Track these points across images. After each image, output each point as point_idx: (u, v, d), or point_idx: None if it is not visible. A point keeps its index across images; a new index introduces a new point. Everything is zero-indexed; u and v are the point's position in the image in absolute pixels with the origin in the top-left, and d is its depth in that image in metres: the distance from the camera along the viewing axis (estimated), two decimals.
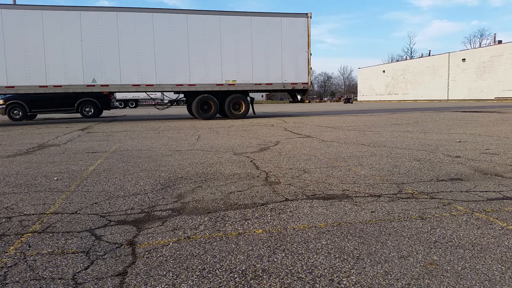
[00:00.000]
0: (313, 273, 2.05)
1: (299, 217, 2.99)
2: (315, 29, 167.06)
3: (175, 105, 26.05)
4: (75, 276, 2.07)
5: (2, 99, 18.98)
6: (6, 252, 2.42)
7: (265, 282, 1.96)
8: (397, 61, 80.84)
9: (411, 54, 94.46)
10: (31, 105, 19.03)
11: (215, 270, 2.10)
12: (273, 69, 16.96)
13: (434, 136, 8.59)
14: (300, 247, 2.39)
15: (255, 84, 16.90)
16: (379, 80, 73.25)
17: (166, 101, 32.68)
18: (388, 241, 2.48)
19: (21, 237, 2.68)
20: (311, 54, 17.37)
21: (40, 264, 2.24)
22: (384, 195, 3.62)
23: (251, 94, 17.79)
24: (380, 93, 73.06)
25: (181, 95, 18.73)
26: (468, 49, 60.30)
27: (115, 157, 6.25)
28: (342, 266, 2.13)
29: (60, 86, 14.89)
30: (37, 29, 14.43)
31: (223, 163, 5.51)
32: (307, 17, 17.11)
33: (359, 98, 79.44)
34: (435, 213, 3.06)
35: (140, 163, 5.66)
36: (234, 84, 16.61)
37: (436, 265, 2.13)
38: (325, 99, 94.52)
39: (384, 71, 72.71)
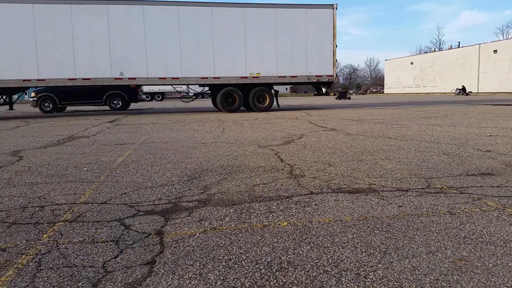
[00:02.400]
0: (339, 267, 2.04)
1: (324, 211, 2.98)
2: (341, 21, 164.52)
3: (200, 98, 26.27)
4: (105, 265, 2.14)
5: (33, 91, 19.61)
6: (40, 240, 2.52)
7: (290, 274, 1.97)
8: (425, 52, 78.68)
9: (439, 45, 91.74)
10: (61, 98, 19.58)
11: (241, 261, 2.12)
12: (298, 61, 16.82)
13: (464, 129, 8.35)
14: (325, 241, 2.39)
15: (280, 76, 16.82)
16: (406, 72, 71.56)
17: (191, 94, 33.00)
18: (416, 236, 2.44)
19: (53, 226, 2.78)
20: (336, 46, 17.12)
21: (71, 252, 2.32)
22: (412, 189, 3.56)
23: (275, 87, 17.73)
24: (407, 86, 71.42)
25: (206, 88, 18.85)
26: (500, 40, 57.98)
27: (143, 149, 6.38)
28: (369, 260, 2.12)
29: (89, 79, 15.25)
30: (66, 23, 14.78)
31: (247, 155, 5.54)
32: (333, 9, 16.85)
33: (385, 90, 77.87)
34: (465, 208, 2.99)
35: (166, 155, 5.75)
36: (258, 77, 16.59)
37: (466, 261, 2.09)
38: (351, 91, 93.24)
39: (412, 63, 70.96)
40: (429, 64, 66.46)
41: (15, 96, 18.65)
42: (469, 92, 48.96)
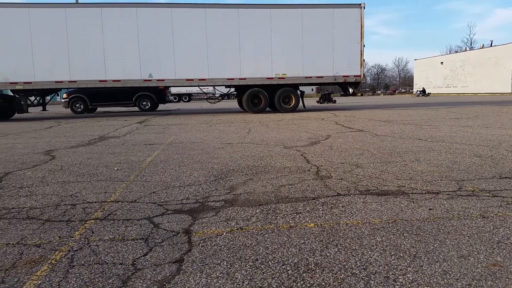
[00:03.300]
0: (368, 270, 2.02)
1: (352, 213, 2.94)
2: (369, 20, 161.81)
3: (226, 99, 26.46)
4: (134, 262, 2.19)
5: (65, 93, 20.26)
6: (72, 237, 2.61)
7: (318, 276, 1.96)
8: (456, 52, 76.45)
9: (471, 45, 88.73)
10: (92, 99, 20.16)
11: (268, 262, 2.13)
12: (324, 61, 16.67)
13: (497, 131, 8.06)
14: (353, 243, 2.36)
15: (306, 77, 16.72)
16: (436, 72, 69.72)
17: (218, 95, 33.26)
18: (447, 240, 2.38)
19: (84, 223, 2.87)
20: (364, 46, 16.87)
21: (102, 249, 2.39)
22: (442, 192, 3.47)
23: (301, 88, 17.65)
24: (437, 86, 69.57)
25: (232, 89, 18.94)
26: None
27: (171, 149, 6.48)
28: (398, 263, 2.08)
29: (119, 80, 15.62)
30: (97, 26, 15.19)
31: (273, 156, 5.54)
32: (360, 8, 16.61)
33: (414, 91, 76.15)
34: (498, 212, 2.89)
35: (194, 155, 5.82)
36: (284, 78, 16.55)
37: (500, 266, 2.02)
38: (379, 92, 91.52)
39: (442, 62, 69.07)
40: (460, 64, 64.53)
41: (48, 97, 19.29)
42: (428, 93, 47.14)
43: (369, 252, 2.23)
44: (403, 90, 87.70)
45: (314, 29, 16.46)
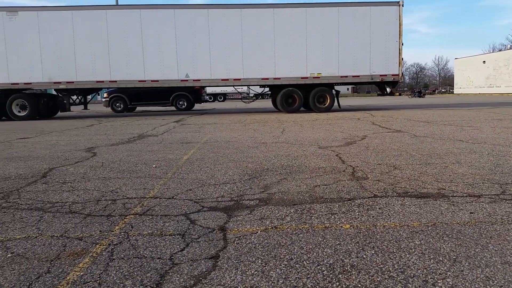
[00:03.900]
0: (405, 273, 1.97)
1: (389, 215, 2.88)
2: (407, 18, 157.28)
3: (260, 98, 26.53)
4: (172, 257, 2.24)
5: (106, 92, 21.01)
6: (112, 231, 2.70)
7: (354, 277, 1.93)
8: (500, 50, 72.99)
9: None
10: (132, 99, 20.81)
11: (303, 261, 2.12)
12: (361, 60, 16.38)
13: None
14: (391, 246, 2.31)
15: (341, 76, 16.49)
16: (478, 72, 66.83)
17: (252, 95, 33.40)
18: (489, 245, 2.29)
19: (124, 218, 2.96)
20: (402, 44, 16.42)
21: (141, 243, 2.46)
22: (485, 195, 3.33)
23: (336, 87, 17.42)
24: (479, 86, 66.68)
25: (266, 89, 18.97)
26: None
27: (206, 148, 6.58)
28: (437, 267, 2.02)
29: (157, 81, 16.01)
30: (136, 27, 15.63)
31: (307, 156, 5.51)
32: (399, 6, 16.19)
33: (455, 90, 73.34)
34: None
35: (228, 154, 5.89)
36: (319, 77, 16.40)
37: None
38: (423, 90, 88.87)
39: (484, 61, 66.14)
40: (504, 63, 61.52)
41: (89, 97, 20.09)
42: (424, 94, 44.95)
43: (407, 255, 2.17)
44: (443, 90, 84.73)
45: (350, 27, 16.21)
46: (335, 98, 17.10)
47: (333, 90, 17.10)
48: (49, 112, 17.50)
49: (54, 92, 17.86)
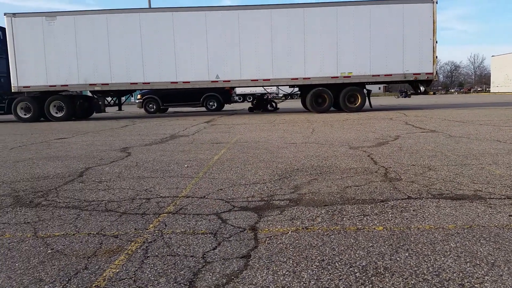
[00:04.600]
0: (441, 276, 1.92)
1: (423, 217, 2.81)
2: (442, 15, 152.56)
3: (289, 98, 26.44)
4: (204, 255, 2.28)
5: (139, 94, 21.55)
6: (147, 229, 2.77)
7: (387, 280, 1.90)
8: None
9: None
10: (164, 100, 21.26)
11: (334, 263, 2.10)
12: (393, 59, 16.02)
13: None
14: (425, 248, 2.26)
15: (373, 75, 16.20)
16: None
17: (281, 95, 33.32)
18: None
19: (158, 217, 3.03)
20: (436, 42, 15.95)
21: (174, 242, 2.51)
22: None
23: (367, 86, 17.12)
24: None
25: (296, 89, 18.89)
26: None
27: (236, 148, 6.63)
28: (474, 271, 1.95)
29: (188, 82, 16.27)
30: (169, 30, 15.94)
31: (338, 156, 5.44)
32: (432, 3, 15.73)
33: (492, 89, 70.52)
34: None
35: (258, 154, 5.91)
36: (350, 77, 16.17)
37: None
38: (452, 90, 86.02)
39: None
40: None
41: (123, 98, 20.65)
42: (410, 95, 41.89)
43: (442, 258, 2.11)
44: (479, 89, 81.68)
45: (382, 25, 15.90)
46: (367, 98, 16.81)
47: (365, 89, 16.83)
48: (85, 113, 18.13)
49: (90, 94, 18.49)
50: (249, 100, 48.10)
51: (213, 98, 21.63)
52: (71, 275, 2.09)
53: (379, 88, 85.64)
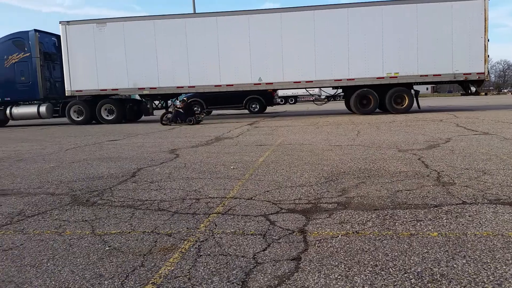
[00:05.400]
0: (503, 286, 1.83)
1: (480, 223, 2.69)
2: (493, 12, 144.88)
3: (332, 100, 26.12)
4: (255, 256, 2.31)
5: (185, 97, 22.10)
6: (198, 228, 2.84)
7: (444, 287, 1.84)
8: None
9: None
10: (208, 102, 21.70)
11: (388, 268, 2.06)
12: (442, 58, 15.40)
13: None
14: (484, 256, 2.16)
15: (420, 75, 15.66)
16: None
17: (324, 97, 32.97)
18: None
19: (208, 217, 3.10)
20: (488, 40, 15.16)
21: (225, 241, 2.57)
22: None
23: (415, 87, 16.56)
24: None
25: (339, 90, 18.65)
26: None
27: (280, 150, 6.64)
28: None
29: (232, 85, 16.49)
30: (213, 35, 16.24)
31: (386, 159, 5.32)
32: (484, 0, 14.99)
33: None
34: None
35: (303, 156, 5.89)
36: (396, 77, 15.73)
37: None
38: (505, 90, 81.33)
39: None
40: None
41: (170, 101, 21.27)
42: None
43: (504, 267, 2.02)
44: None
45: (430, 23, 15.34)
46: (414, 99, 16.28)
47: (412, 90, 16.29)
48: (134, 116, 18.86)
49: (139, 98, 19.21)
50: (291, 102, 48.02)
51: (256, 100, 21.79)
52: (128, 272, 2.19)
53: (427, 89, 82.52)
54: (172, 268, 2.21)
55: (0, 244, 2.71)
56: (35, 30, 17.21)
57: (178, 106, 15.21)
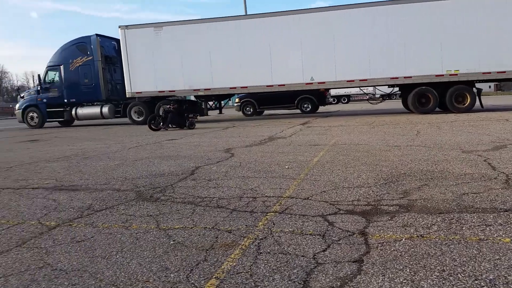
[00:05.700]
0: None
1: None
2: None
3: (387, 99, 25.30)
4: (315, 256, 2.30)
5: (237, 97, 22.45)
6: (257, 227, 2.88)
7: None
8: None
9: None
10: (260, 103, 21.86)
11: (457, 274, 1.98)
12: (507, 54, 14.38)
13: None
14: None
15: (483, 73, 14.71)
16: None
17: (378, 96, 32.02)
18: None
19: (266, 215, 3.14)
20: None
21: (284, 240, 2.58)
22: None
23: (477, 85, 15.60)
24: None
25: (395, 89, 17.99)
26: None
27: (335, 150, 6.55)
28: None
29: (283, 85, 16.48)
30: (264, 35, 16.32)
31: (450, 161, 5.07)
32: None
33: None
34: None
35: (359, 157, 5.76)
36: (456, 74, 14.91)
37: None
38: None
39: None
40: None
41: (223, 102, 21.70)
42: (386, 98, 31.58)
43: None
44: None
45: (494, 15, 14.34)
46: (477, 97, 15.35)
47: (474, 88, 15.37)
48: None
49: (194, 99, 19.78)
50: (343, 101, 47.11)
51: (308, 100, 21.61)
52: (192, 266, 2.28)
53: (489, 87, 77.41)
54: (234, 264, 2.26)
55: (73, 236, 2.92)
56: (97, 35, 18.27)
57: (170, 108, 13.85)
